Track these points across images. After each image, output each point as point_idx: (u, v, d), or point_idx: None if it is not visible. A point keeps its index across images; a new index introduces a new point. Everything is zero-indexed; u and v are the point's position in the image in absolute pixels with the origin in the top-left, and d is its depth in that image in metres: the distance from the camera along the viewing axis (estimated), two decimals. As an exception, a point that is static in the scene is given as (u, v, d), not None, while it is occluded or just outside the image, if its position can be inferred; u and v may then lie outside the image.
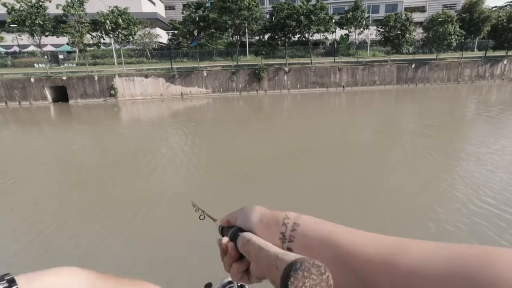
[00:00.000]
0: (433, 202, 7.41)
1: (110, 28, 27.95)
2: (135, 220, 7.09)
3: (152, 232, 6.58)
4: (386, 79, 31.34)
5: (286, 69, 29.76)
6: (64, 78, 26.44)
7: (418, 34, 35.03)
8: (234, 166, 10.58)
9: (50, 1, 25.98)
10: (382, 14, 43.58)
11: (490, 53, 35.28)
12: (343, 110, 22.93)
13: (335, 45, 38.88)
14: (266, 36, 32.59)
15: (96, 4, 28.42)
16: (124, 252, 5.92)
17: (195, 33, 30.56)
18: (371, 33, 37.39)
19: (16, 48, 38.79)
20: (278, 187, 8.60)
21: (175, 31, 39.58)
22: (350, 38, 39.06)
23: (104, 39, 29.87)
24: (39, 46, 27.91)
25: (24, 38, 28.53)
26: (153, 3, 49.89)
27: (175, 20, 43.74)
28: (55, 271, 0.43)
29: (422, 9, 54.32)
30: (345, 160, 10.90)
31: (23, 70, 30.45)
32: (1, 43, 39.87)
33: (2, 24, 30.16)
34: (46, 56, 31.47)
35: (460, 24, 30.88)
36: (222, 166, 10.62)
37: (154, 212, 7.48)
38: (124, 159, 11.86)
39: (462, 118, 18.23)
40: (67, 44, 31.92)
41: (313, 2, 29.40)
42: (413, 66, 31.55)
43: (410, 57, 35.11)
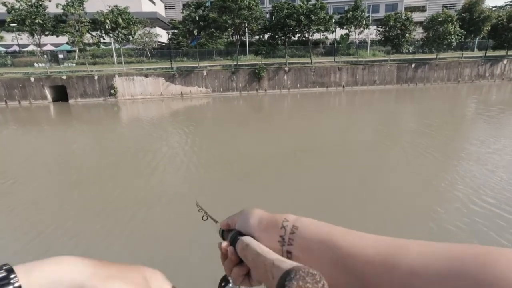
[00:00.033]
0: (433, 201, 7.41)
1: (110, 28, 27.92)
2: (135, 220, 7.09)
3: (152, 232, 6.57)
4: (386, 79, 31.33)
5: (286, 68, 29.74)
6: (64, 77, 26.41)
7: (418, 33, 35.02)
8: (234, 166, 10.57)
9: (50, 0, 25.92)
10: (382, 13, 43.56)
11: (490, 52, 35.26)
12: (343, 110, 22.92)
13: (335, 44, 38.86)
14: (266, 36, 32.54)
15: (96, 4, 28.40)
16: (124, 252, 5.92)
17: (195, 32, 30.52)
18: (371, 32, 37.39)
19: (16, 48, 38.81)
20: (278, 187, 8.60)
21: (175, 31, 39.57)
22: (350, 37, 39.06)
23: (104, 39, 29.86)
24: (39, 45, 27.86)
25: (24, 38, 28.47)
26: (153, 3, 49.86)
27: (175, 20, 43.73)
28: (54, 260, 0.43)
29: (422, 8, 54.32)
30: (345, 159, 10.89)
31: (23, 70, 30.42)
32: (1, 43, 39.96)
33: (2, 24, 30.14)
34: (46, 56, 31.42)
35: (460, 23, 30.86)
36: (222, 166, 10.61)
37: (154, 212, 7.48)
38: (124, 159, 11.85)
39: (462, 118, 18.22)
40: (67, 43, 31.94)
41: (313, 1, 29.35)
42: (413, 65, 31.53)
43: (410, 56, 35.11)
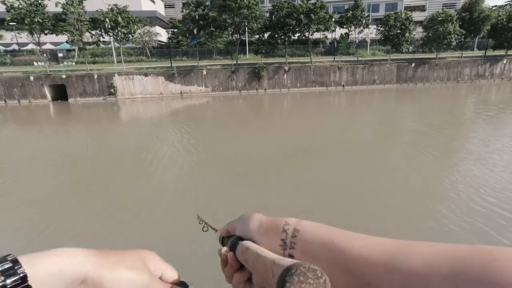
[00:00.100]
0: (434, 201, 7.41)
1: (110, 27, 27.86)
2: (136, 220, 7.08)
3: (152, 232, 6.56)
4: (386, 78, 31.34)
5: (286, 68, 29.73)
6: (64, 76, 26.36)
7: (418, 33, 35.00)
8: (234, 165, 10.56)
9: (49, -1, 25.89)
10: (382, 13, 43.57)
11: (490, 52, 35.30)
12: (343, 109, 22.92)
13: (335, 44, 38.83)
14: (266, 35, 32.51)
15: (96, 2, 28.32)
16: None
17: (195, 31, 30.47)
18: (371, 32, 37.36)
19: (15, 46, 38.76)
20: (278, 186, 8.60)
21: (175, 30, 39.58)
22: (350, 37, 39.05)
23: (103, 38, 29.81)
24: (39, 44, 27.81)
25: (23, 36, 28.44)
26: (152, 2, 49.76)
27: (175, 19, 43.73)
28: (55, 252, 0.43)
29: (422, 8, 54.30)
30: (345, 159, 10.90)
31: (22, 68, 30.36)
32: (0, 41, 39.87)
33: (1, 22, 30.01)
34: (45, 54, 31.35)
35: (460, 23, 30.87)
36: (222, 165, 10.61)
37: (155, 212, 7.46)
38: (124, 158, 11.84)
39: (462, 117, 18.24)
40: (66, 42, 31.93)
41: (313, 1, 29.32)
42: (413, 65, 31.54)
43: (410, 56, 35.13)
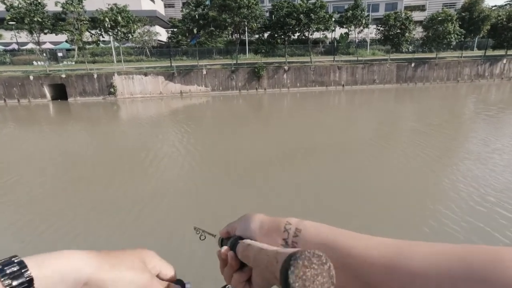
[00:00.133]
0: (434, 201, 7.42)
1: (109, 26, 27.81)
2: (136, 220, 7.08)
3: (153, 232, 6.57)
4: (385, 78, 31.35)
5: (286, 67, 29.72)
6: (63, 76, 26.33)
7: (418, 33, 35.02)
8: (234, 165, 10.56)
9: (49, -2, 25.85)
10: (382, 12, 43.56)
11: (490, 52, 35.33)
12: (343, 109, 22.92)
13: (335, 43, 38.81)
14: (266, 35, 32.50)
15: (95, 2, 28.28)
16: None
17: (195, 31, 30.44)
18: (371, 31, 37.36)
19: (15, 46, 38.71)
20: (278, 186, 8.60)
21: (175, 29, 39.57)
22: (350, 36, 39.04)
23: (103, 37, 29.77)
24: (38, 43, 27.76)
25: (23, 36, 28.37)
26: (152, 1, 49.69)
27: (175, 18, 43.72)
28: (59, 255, 0.43)
29: (422, 8, 54.31)
30: (345, 159, 10.90)
31: (21, 68, 30.33)
32: (-1, 41, 39.80)
33: (0, 22, 29.95)
34: (45, 54, 31.30)
35: (459, 23, 30.88)
36: (222, 165, 10.60)
37: (155, 211, 7.46)
38: (124, 158, 11.83)
39: (462, 117, 18.25)
40: (66, 41, 31.86)
41: (312, 0, 29.32)
42: (412, 65, 31.56)
43: (409, 56, 35.15)
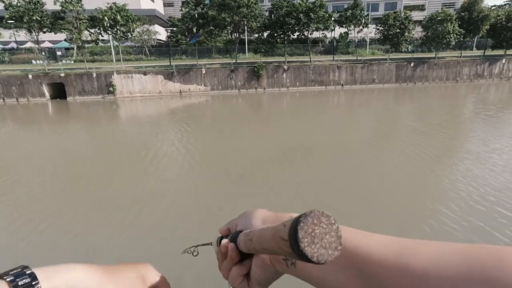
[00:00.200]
0: (434, 200, 7.43)
1: (109, 25, 27.73)
2: (136, 220, 7.07)
3: (153, 232, 6.56)
4: (385, 78, 31.37)
5: (285, 67, 29.71)
6: (62, 75, 26.27)
7: (417, 32, 35.04)
8: (233, 165, 10.55)
9: (48, -3, 25.77)
10: (381, 12, 43.58)
11: (489, 52, 35.40)
12: (343, 109, 22.92)
13: (334, 43, 38.84)
14: (265, 34, 32.48)
15: (94, 1, 28.19)
16: (128, 252, 5.90)
17: (194, 30, 30.42)
18: (370, 31, 37.36)
19: (14, 45, 38.62)
20: (278, 186, 8.61)
21: (174, 28, 39.49)
22: (349, 36, 39.03)
23: (102, 36, 29.66)
24: (37, 42, 27.68)
25: (22, 34, 28.31)
26: (151, 0, 49.60)
27: (174, 17, 43.63)
28: (67, 268, 0.44)
29: (421, 7, 54.35)
30: (345, 159, 10.91)
31: (20, 67, 30.20)
32: (-2, 40, 39.66)
33: (-1, 20, 29.89)
34: (43, 53, 31.22)
35: (459, 23, 30.91)
36: (222, 165, 10.60)
37: (155, 211, 7.46)
38: (123, 157, 11.81)
39: (461, 117, 18.28)
40: (65, 40, 31.76)
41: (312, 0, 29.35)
42: (412, 64, 31.58)
43: (409, 55, 35.15)
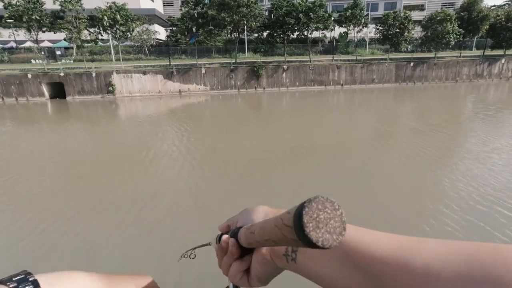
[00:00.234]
0: (434, 200, 7.44)
1: (108, 24, 27.68)
2: (136, 220, 7.07)
3: (153, 231, 6.55)
4: (384, 77, 31.39)
5: (285, 66, 29.70)
6: (62, 74, 26.22)
7: (417, 32, 35.06)
8: (233, 165, 10.55)
9: (47, -4, 25.72)
10: (381, 12, 43.59)
11: (488, 52, 35.45)
12: (342, 108, 22.93)
13: (334, 43, 38.84)
14: (265, 34, 32.47)
15: (94, 0, 28.16)
16: (128, 252, 5.89)
17: (194, 30, 30.37)
18: (370, 31, 37.36)
19: (13, 44, 38.52)
20: (278, 186, 8.61)
21: (174, 28, 39.37)
22: (349, 36, 39.05)
23: (102, 35, 29.61)
24: (36, 41, 27.64)
25: (21, 34, 28.22)
26: (151, -1, 49.55)
27: (174, 17, 43.52)
28: (70, 276, 0.44)
29: (421, 7, 54.36)
30: (344, 158, 10.92)
31: (20, 66, 30.14)
32: (-3, 39, 39.55)
33: (-2, 20, 29.82)
34: (43, 52, 31.18)
35: (458, 22, 30.94)
36: (222, 164, 10.59)
37: (156, 211, 7.46)
38: (124, 157, 11.80)
39: (461, 117, 18.30)
40: (64, 40, 31.68)
41: (312, -1, 29.35)
42: (411, 64, 31.60)
43: (408, 55, 35.20)
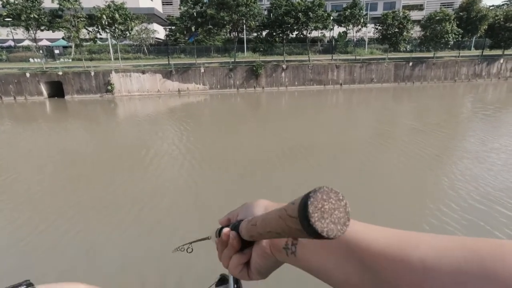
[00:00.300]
0: (433, 199, 7.45)
1: (107, 23, 27.59)
2: (137, 218, 7.05)
3: (153, 231, 6.54)
4: (383, 77, 31.41)
5: (284, 66, 29.69)
6: (60, 73, 26.14)
7: (416, 32, 35.12)
8: (233, 164, 10.54)
9: (46, -5, 25.62)
10: (380, 11, 43.64)
11: (487, 52, 35.53)
12: (341, 108, 22.94)
13: (333, 42, 38.87)
14: (264, 33, 32.45)
15: (93, -1, 28.10)
16: (128, 252, 5.88)
17: (193, 29, 30.32)
18: (369, 30, 37.40)
19: (11, 43, 38.36)
20: (278, 185, 8.60)
21: (173, 27, 39.36)
22: (348, 35, 39.08)
23: (100, 34, 29.52)
24: (35, 40, 27.53)
25: (19, 33, 28.10)
26: (150, -2, 49.42)
27: (173, 16, 43.50)
28: (69, 287, 0.44)
29: (420, 7, 54.45)
30: (344, 158, 10.92)
31: (18, 65, 30.05)
32: (-5, 38, 39.42)
33: (-4, 18, 29.69)
34: (41, 51, 31.10)
35: (457, 22, 31.00)
36: (222, 164, 10.57)
37: (156, 210, 7.44)
38: (123, 156, 11.76)
39: (460, 116, 18.33)
40: (62, 38, 31.56)
41: (311, -1, 29.32)
42: (410, 64, 31.63)
43: (407, 55, 35.24)
